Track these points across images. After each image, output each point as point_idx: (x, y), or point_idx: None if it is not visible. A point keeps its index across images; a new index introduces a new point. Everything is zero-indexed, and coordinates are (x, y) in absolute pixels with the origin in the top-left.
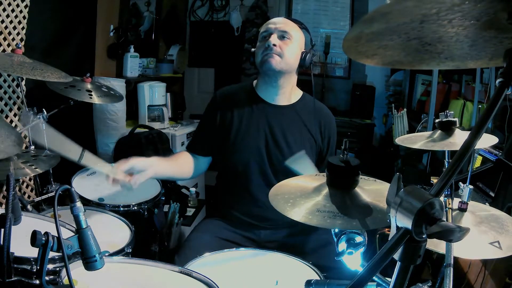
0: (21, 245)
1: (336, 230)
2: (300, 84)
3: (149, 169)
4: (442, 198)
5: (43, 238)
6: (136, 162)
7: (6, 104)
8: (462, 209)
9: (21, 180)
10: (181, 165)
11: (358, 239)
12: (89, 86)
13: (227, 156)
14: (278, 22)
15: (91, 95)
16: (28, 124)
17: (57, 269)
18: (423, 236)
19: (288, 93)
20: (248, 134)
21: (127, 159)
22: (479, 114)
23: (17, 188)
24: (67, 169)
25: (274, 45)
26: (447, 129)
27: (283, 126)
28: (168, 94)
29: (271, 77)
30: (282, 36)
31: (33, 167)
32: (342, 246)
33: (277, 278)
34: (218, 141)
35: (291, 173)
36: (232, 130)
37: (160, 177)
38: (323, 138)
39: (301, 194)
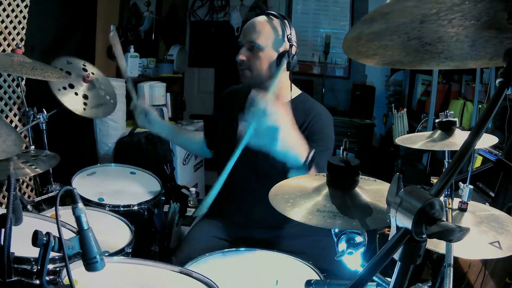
0: (21, 245)
1: (336, 230)
2: (299, 84)
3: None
4: (442, 198)
5: (45, 238)
6: (153, 116)
7: (6, 104)
8: (462, 209)
9: (21, 180)
10: (193, 142)
11: (358, 239)
12: (87, 87)
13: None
14: (249, 31)
15: (86, 103)
16: (28, 124)
17: (57, 269)
18: (423, 236)
19: (280, 94)
20: (240, 132)
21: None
22: (479, 114)
23: (17, 188)
24: (67, 169)
25: (242, 60)
26: (447, 129)
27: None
28: (168, 94)
29: (253, 87)
30: (251, 46)
31: (33, 167)
32: (342, 246)
33: (277, 278)
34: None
35: (272, 172)
36: (228, 129)
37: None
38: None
39: (301, 194)
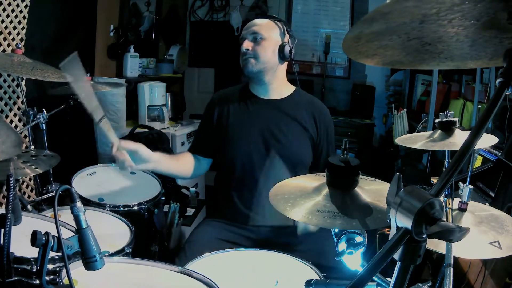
0: (21, 245)
1: (336, 230)
2: (300, 84)
3: (151, 163)
4: (442, 198)
5: (43, 238)
6: (143, 149)
7: (6, 104)
8: (462, 209)
9: (21, 180)
10: (182, 165)
11: (358, 239)
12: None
13: (226, 151)
14: (250, 26)
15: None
16: (28, 124)
17: (57, 269)
18: (423, 236)
19: (278, 88)
20: (245, 127)
21: (137, 143)
22: (479, 114)
23: (17, 188)
24: (67, 169)
25: (247, 49)
26: (447, 129)
27: (277, 118)
28: (168, 94)
29: (255, 78)
30: (255, 38)
31: (33, 167)
32: (342, 246)
33: (277, 278)
34: (218, 141)
35: (288, 160)
36: (230, 126)
37: (158, 172)
38: (318, 130)
39: (301, 194)
